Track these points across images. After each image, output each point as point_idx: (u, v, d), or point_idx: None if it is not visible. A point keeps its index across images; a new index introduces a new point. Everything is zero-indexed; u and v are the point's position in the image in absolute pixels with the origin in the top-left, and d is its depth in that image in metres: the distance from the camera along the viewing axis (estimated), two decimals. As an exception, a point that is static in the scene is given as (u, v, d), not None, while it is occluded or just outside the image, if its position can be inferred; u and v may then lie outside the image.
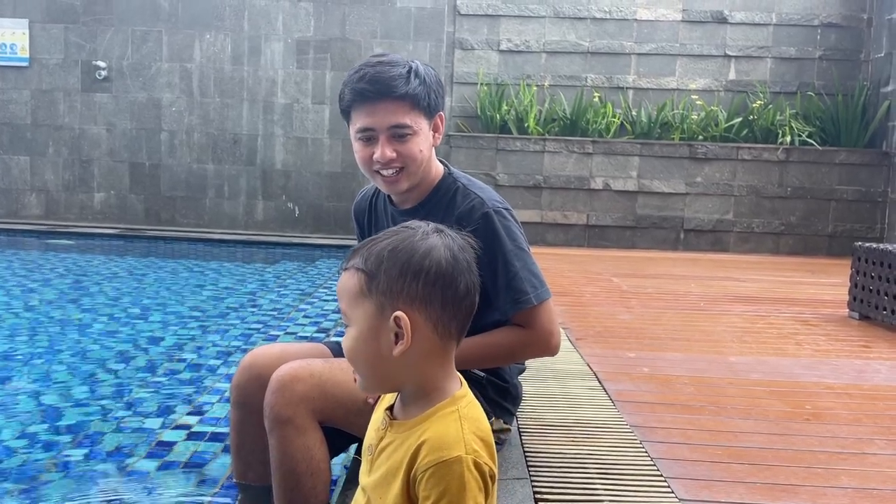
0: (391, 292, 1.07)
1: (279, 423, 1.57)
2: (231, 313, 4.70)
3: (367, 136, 1.68)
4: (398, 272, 1.07)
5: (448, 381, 1.12)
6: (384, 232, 1.14)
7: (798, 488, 1.77)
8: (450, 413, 1.09)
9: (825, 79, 7.85)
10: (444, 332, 1.08)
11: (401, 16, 7.78)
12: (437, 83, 1.72)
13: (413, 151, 1.67)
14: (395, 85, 1.63)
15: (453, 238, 1.11)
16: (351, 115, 1.70)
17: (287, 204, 7.97)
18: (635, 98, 7.91)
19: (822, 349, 3.31)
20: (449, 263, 1.08)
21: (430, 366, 1.09)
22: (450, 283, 1.08)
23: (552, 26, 7.91)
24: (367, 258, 1.09)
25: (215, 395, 3.01)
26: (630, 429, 2.10)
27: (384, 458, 1.11)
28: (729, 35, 7.89)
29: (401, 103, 1.64)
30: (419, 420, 1.09)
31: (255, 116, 7.90)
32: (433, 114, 1.72)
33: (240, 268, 6.71)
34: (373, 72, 1.65)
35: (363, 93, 1.64)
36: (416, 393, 1.11)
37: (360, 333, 1.09)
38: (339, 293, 1.13)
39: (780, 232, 7.55)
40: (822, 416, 2.33)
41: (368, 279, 1.08)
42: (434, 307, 1.07)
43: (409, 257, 1.07)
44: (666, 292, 4.78)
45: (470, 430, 1.07)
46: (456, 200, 1.73)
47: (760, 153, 7.50)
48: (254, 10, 7.79)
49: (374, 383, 1.14)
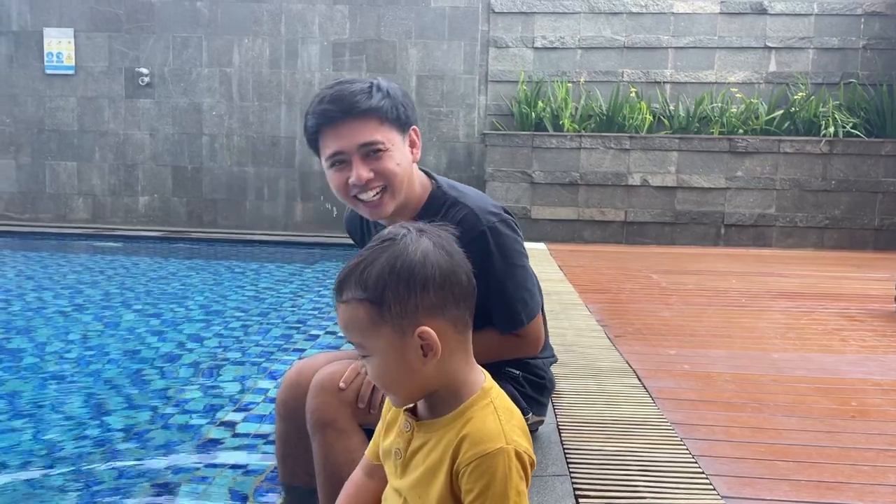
0: (406, 312, 1.05)
1: (321, 426, 1.59)
2: (272, 313, 4.78)
3: (339, 160, 1.58)
4: (406, 290, 1.04)
5: (472, 373, 1.13)
6: (368, 251, 1.09)
7: (844, 486, 1.75)
8: (485, 406, 1.10)
9: (869, 69, 7.66)
10: (462, 327, 1.10)
11: (435, 15, 7.80)
12: (403, 96, 1.63)
13: (390, 167, 1.57)
14: (357, 101, 1.55)
15: (439, 235, 1.10)
16: (318, 143, 1.61)
17: (325, 204, 8.06)
18: (672, 92, 7.81)
19: (868, 345, 3.24)
20: (447, 261, 1.08)
21: (456, 363, 1.10)
22: (455, 281, 1.08)
23: (587, 22, 7.85)
24: (366, 285, 1.05)
25: (259, 395, 3.06)
26: (671, 426, 2.09)
27: (420, 458, 1.12)
28: (769, 26, 7.74)
29: (367, 119, 1.55)
30: (454, 416, 1.10)
31: (292, 119, 8.00)
32: (405, 127, 1.62)
33: (280, 268, 6.81)
34: (332, 93, 1.58)
35: (325, 113, 1.56)
36: (443, 392, 1.11)
37: (386, 361, 1.08)
38: (347, 328, 1.09)
39: (824, 226, 7.39)
40: (869, 414, 2.29)
41: (377, 307, 1.05)
42: (449, 308, 1.07)
43: (411, 271, 1.05)
44: (706, 289, 4.72)
45: (507, 421, 1.08)
46: (449, 215, 1.63)
47: (803, 146, 7.35)
48: (290, 14, 7.90)
49: (409, 398, 1.13)
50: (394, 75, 7.84)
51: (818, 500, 1.67)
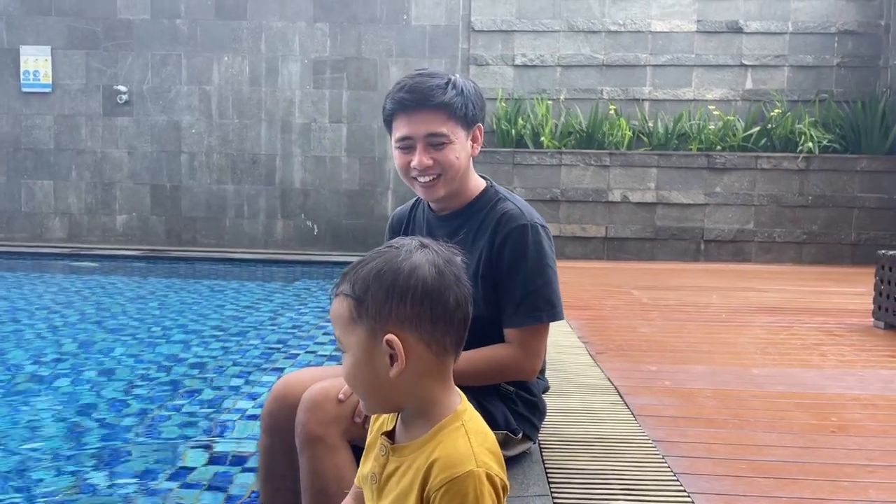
0: (380, 316, 1.06)
1: (310, 442, 1.57)
2: (251, 332, 4.73)
3: (406, 145, 1.73)
4: (384, 295, 1.06)
5: (447, 395, 1.11)
6: (371, 253, 1.13)
7: (825, 502, 1.74)
8: (456, 429, 1.08)
9: (843, 86, 7.79)
10: (438, 349, 1.08)
11: (416, 34, 7.84)
12: (476, 96, 1.76)
13: (449, 159, 1.72)
14: (432, 95, 1.69)
15: (438, 252, 1.10)
16: (392, 124, 1.76)
17: (306, 222, 8.03)
18: (651, 109, 7.89)
19: (847, 360, 3.26)
20: (434, 279, 1.07)
21: (428, 383, 1.09)
22: (438, 299, 1.07)
23: (566, 40, 7.93)
24: (355, 283, 1.09)
25: (236, 415, 3.02)
26: (652, 444, 2.08)
27: (393, 483, 1.10)
28: (745, 44, 7.86)
29: (437, 112, 1.70)
30: (424, 440, 1.09)
31: (273, 136, 7.98)
32: (471, 124, 1.76)
33: (260, 287, 6.75)
34: (412, 83, 1.72)
35: (402, 102, 1.71)
36: (416, 412, 1.11)
37: (356, 359, 1.09)
38: (332, 320, 1.12)
39: (802, 241, 7.47)
40: (849, 429, 2.29)
41: (357, 305, 1.07)
42: (424, 325, 1.06)
43: (395, 278, 1.07)
44: (687, 304, 4.74)
45: (478, 444, 1.06)
46: (497, 208, 1.77)
47: (780, 162, 7.44)
48: (271, 32, 7.90)
49: (376, 405, 1.14)
50: (375, 93, 7.85)
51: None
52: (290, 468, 1.73)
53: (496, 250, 1.73)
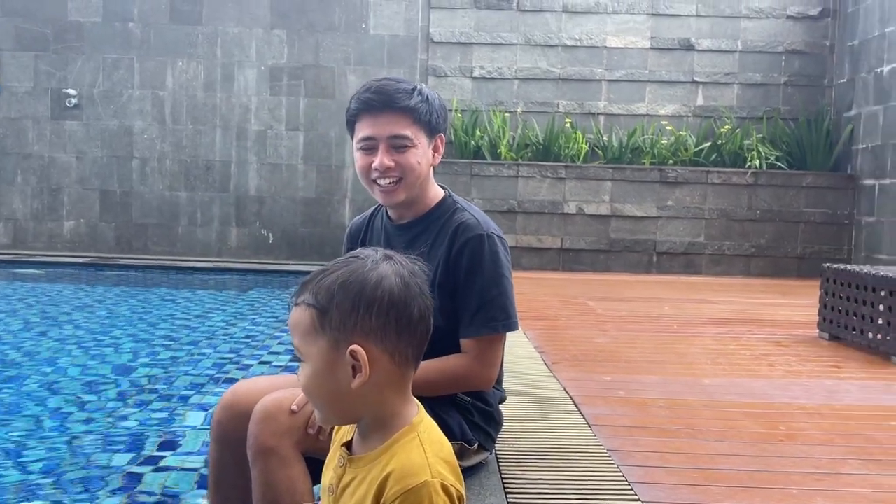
0: (345, 327, 1.05)
1: (263, 453, 1.54)
2: (203, 342, 4.64)
3: (368, 146, 1.73)
4: (350, 305, 1.06)
5: (405, 407, 1.11)
6: (334, 263, 1.12)
7: (774, 510, 1.78)
8: (411, 440, 1.08)
9: (790, 104, 8.04)
10: (401, 360, 1.08)
11: (374, 43, 7.84)
12: (440, 106, 1.78)
13: (411, 162, 1.72)
14: (398, 97, 1.70)
15: (403, 264, 1.11)
16: (355, 125, 1.76)
17: (261, 230, 7.93)
18: (606, 123, 8.02)
19: (793, 370, 3.35)
20: (401, 291, 1.07)
21: (388, 395, 1.09)
22: (403, 311, 1.07)
23: (524, 54, 8.01)
24: (318, 292, 1.07)
25: (187, 428, 2.95)
26: (608, 453, 2.10)
27: (348, 494, 1.10)
28: (696, 62, 8.05)
29: (402, 115, 1.71)
30: (380, 452, 1.08)
31: (228, 143, 7.88)
32: (434, 133, 1.77)
33: (213, 296, 6.64)
34: (379, 85, 1.74)
35: (368, 102, 1.72)
36: (374, 423, 1.10)
37: (316, 370, 1.08)
38: (291, 329, 1.11)
39: (750, 254, 7.66)
40: (796, 437, 2.35)
41: (320, 315, 1.06)
42: (390, 337, 1.07)
43: (361, 289, 1.06)
44: (640, 315, 4.81)
45: (433, 454, 1.06)
46: (454, 217, 1.78)
47: (730, 177, 7.63)
48: (227, 38, 7.80)
49: (334, 417, 1.13)
50: (333, 101, 7.82)
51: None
52: (240, 479, 1.70)
53: (453, 259, 1.74)
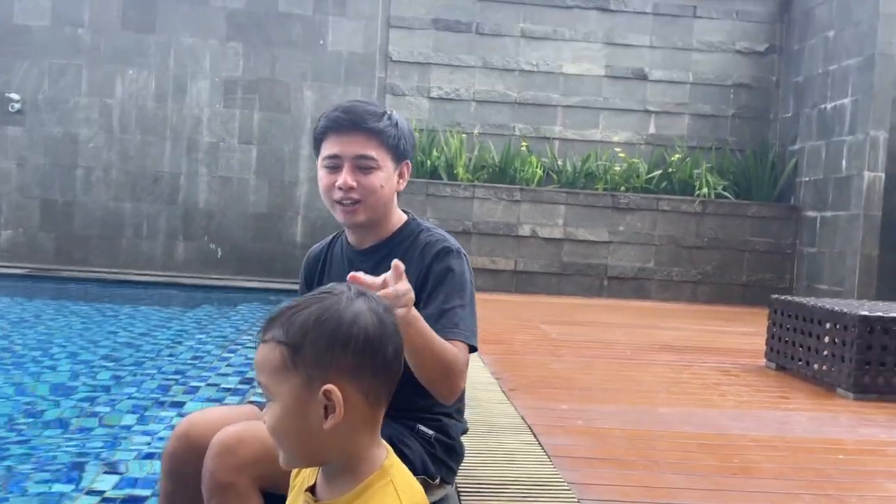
0: (319, 365, 1.01)
1: (219, 489, 1.48)
2: (147, 362, 4.48)
3: (333, 164, 1.72)
4: (326, 343, 1.02)
5: (375, 449, 1.08)
6: (304, 298, 1.08)
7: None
8: (384, 486, 1.05)
9: (737, 135, 8.27)
10: (374, 400, 1.05)
11: (332, 59, 7.78)
12: (409, 133, 1.78)
13: (374, 184, 1.71)
14: (367, 119, 1.70)
15: (377, 301, 1.08)
16: (322, 143, 1.75)
17: (209, 245, 7.74)
18: (561, 148, 8.11)
19: (744, 400, 3.39)
20: (376, 329, 1.04)
21: (359, 436, 1.05)
22: (378, 350, 1.04)
23: (482, 76, 8.07)
24: (289, 329, 1.03)
25: (130, 454, 2.83)
26: (568, 486, 2.08)
27: None
28: (649, 91, 8.23)
29: (370, 137, 1.70)
30: (351, 497, 1.05)
31: (178, 155, 7.69)
32: (401, 159, 1.76)
33: (157, 312, 6.44)
34: (349, 105, 1.75)
35: (336, 121, 1.71)
36: (342, 466, 1.06)
37: (286, 409, 1.03)
38: (259, 367, 1.06)
39: (697, 281, 7.82)
40: (750, 470, 2.37)
41: (292, 352, 1.02)
42: (365, 376, 1.03)
43: (336, 326, 1.02)
44: (594, 340, 4.84)
45: (408, 500, 1.04)
46: (419, 239, 1.77)
47: (679, 205, 7.79)
48: (180, 48, 7.65)
49: (300, 459, 1.08)
50: (288, 116, 7.73)
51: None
52: None
53: (423, 275, 1.70)
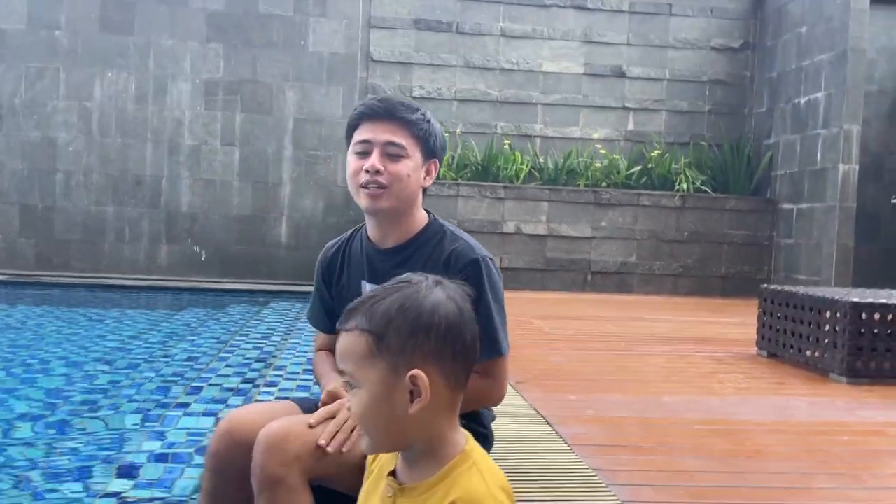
0: (403, 351, 1.06)
1: (270, 484, 1.50)
2: (142, 364, 4.45)
3: (364, 149, 1.73)
4: (409, 330, 1.07)
5: (455, 434, 1.13)
6: (382, 288, 1.12)
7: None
8: (469, 468, 1.09)
9: (714, 131, 8.42)
10: (454, 384, 1.10)
11: (313, 60, 7.77)
12: (441, 134, 1.80)
13: (401, 172, 1.71)
14: (401, 109, 1.73)
15: (454, 289, 1.13)
16: (354, 130, 1.76)
17: (193, 248, 7.68)
18: (542, 146, 8.19)
19: (743, 387, 3.49)
20: (456, 316, 1.10)
21: (441, 420, 1.10)
22: (458, 335, 1.09)
23: (463, 75, 8.11)
24: (372, 318, 1.08)
25: (142, 456, 2.82)
26: (594, 472, 2.14)
27: None
28: (627, 88, 8.34)
29: (401, 126, 1.72)
30: (436, 480, 1.09)
31: (159, 157, 7.62)
32: (430, 155, 1.77)
33: (144, 315, 6.38)
34: (386, 96, 1.85)
35: (372, 108, 1.74)
36: (425, 451, 1.11)
37: (373, 396, 1.08)
38: (343, 355, 1.11)
39: (678, 274, 7.95)
40: (763, 454, 2.45)
41: (377, 340, 1.07)
42: (446, 361, 1.08)
43: (419, 314, 1.07)
44: (587, 334, 4.91)
45: (493, 483, 1.08)
46: (444, 244, 1.76)
47: (659, 199, 7.92)
48: (160, 50, 7.57)
49: (385, 444, 1.13)
50: (270, 117, 7.70)
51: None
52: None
53: None
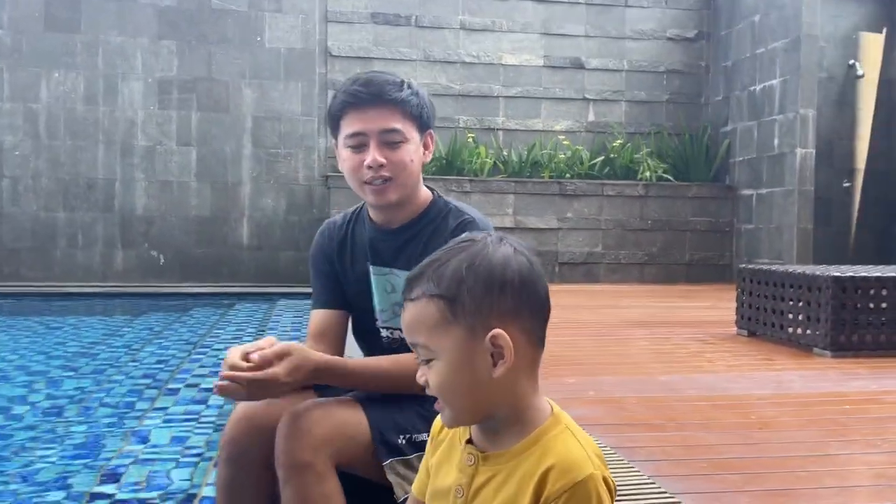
0: (480, 312, 0.99)
1: (298, 469, 1.40)
2: (109, 369, 4.27)
3: (358, 142, 1.63)
4: (483, 288, 0.99)
5: (538, 398, 1.06)
6: (444, 250, 1.04)
7: (795, 491, 1.82)
8: (562, 432, 1.03)
9: (673, 120, 8.51)
10: (536, 341, 1.03)
11: (270, 56, 7.59)
12: (429, 101, 1.72)
13: (403, 160, 1.63)
14: (388, 90, 1.63)
15: (519, 244, 1.06)
16: (340, 122, 1.66)
17: (150, 252, 7.42)
18: (505, 139, 8.16)
19: (733, 364, 3.49)
20: (528, 269, 1.03)
21: (524, 382, 1.03)
22: (534, 290, 1.03)
23: (423, 69, 8.03)
24: (440, 281, 1.00)
25: (127, 458, 2.68)
26: (613, 450, 2.08)
27: (488, 494, 1.02)
28: (587, 80, 8.37)
29: (393, 108, 1.62)
30: (525, 446, 1.02)
31: (112, 159, 7.34)
32: (425, 128, 1.69)
33: (104, 322, 6.13)
34: (366, 77, 1.66)
35: (356, 95, 1.62)
36: (508, 417, 1.03)
37: (452, 363, 1.00)
38: (413, 327, 1.03)
39: (644, 262, 8.01)
40: (772, 425, 2.43)
41: (450, 303, 0.99)
42: (524, 317, 1.01)
43: (490, 271, 1.00)
44: (565, 321, 4.87)
45: (590, 449, 1.02)
46: (448, 220, 1.68)
47: (623, 189, 7.96)
48: (109, 48, 7.30)
49: (468, 414, 1.05)
50: (227, 115, 7.49)
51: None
52: (256, 502, 1.54)
53: None
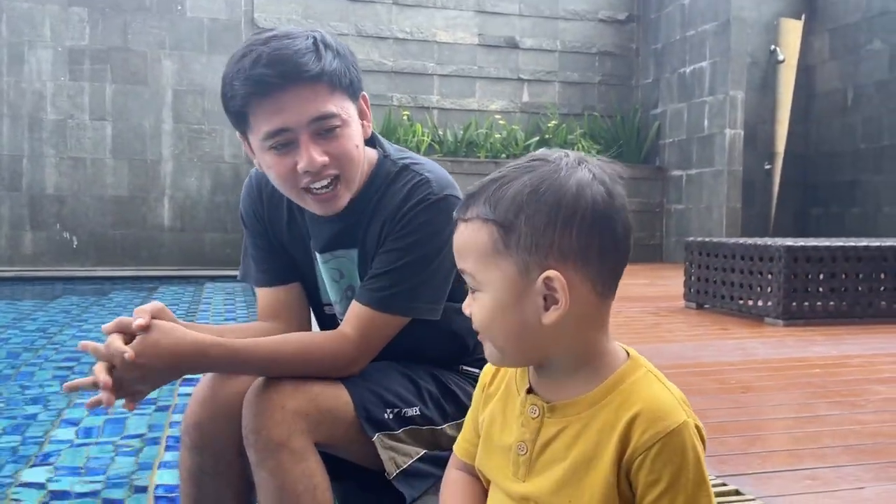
0: (538, 247, 0.83)
1: (272, 449, 1.20)
2: (25, 354, 3.90)
3: (284, 140, 1.25)
4: (545, 220, 0.83)
5: (610, 343, 0.90)
6: (511, 168, 0.86)
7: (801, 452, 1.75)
8: (645, 376, 0.88)
9: (605, 102, 8.56)
10: (602, 289, 0.86)
11: (191, 26, 7.17)
12: (352, 56, 1.34)
13: (347, 149, 1.27)
14: (303, 63, 1.22)
15: (600, 168, 0.87)
16: (248, 118, 1.26)
17: (63, 234, 6.91)
18: (440, 118, 8.01)
19: (693, 334, 3.46)
20: (605, 202, 0.84)
21: (588, 330, 0.87)
22: (607, 227, 0.85)
23: (355, 45, 7.76)
24: (498, 205, 0.84)
25: (58, 445, 2.40)
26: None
27: (559, 449, 0.87)
28: (521, 60, 8.31)
29: (316, 86, 1.23)
30: (604, 391, 0.87)
31: (18, 134, 6.78)
32: (356, 94, 1.32)
33: (13, 306, 5.64)
34: (269, 51, 1.21)
35: (263, 81, 1.20)
36: (571, 364, 0.88)
37: (497, 301, 0.85)
38: (462, 251, 0.87)
39: (578, 243, 8.04)
40: (754, 389, 2.38)
41: (505, 232, 0.83)
42: (592, 260, 0.84)
43: (557, 199, 0.83)
44: (514, 299, 4.79)
45: (677, 392, 0.88)
46: (396, 184, 1.34)
47: (557, 170, 7.95)
48: (14, 13, 6.72)
49: (515, 358, 0.89)
50: (146, 88, 7.03)
51: (812, 466, 1.63)
52: (225, 490, 1.35)
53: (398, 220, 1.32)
